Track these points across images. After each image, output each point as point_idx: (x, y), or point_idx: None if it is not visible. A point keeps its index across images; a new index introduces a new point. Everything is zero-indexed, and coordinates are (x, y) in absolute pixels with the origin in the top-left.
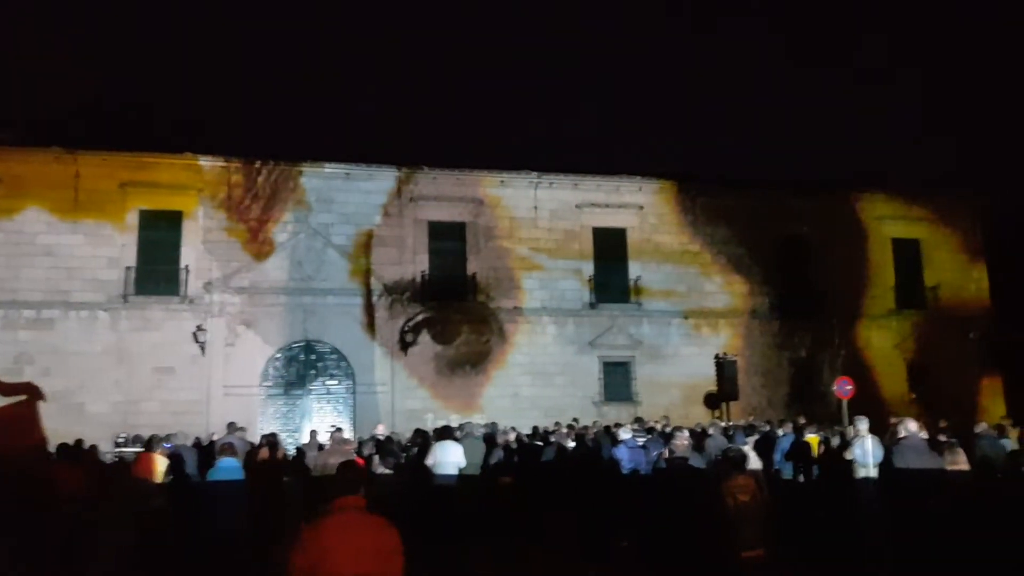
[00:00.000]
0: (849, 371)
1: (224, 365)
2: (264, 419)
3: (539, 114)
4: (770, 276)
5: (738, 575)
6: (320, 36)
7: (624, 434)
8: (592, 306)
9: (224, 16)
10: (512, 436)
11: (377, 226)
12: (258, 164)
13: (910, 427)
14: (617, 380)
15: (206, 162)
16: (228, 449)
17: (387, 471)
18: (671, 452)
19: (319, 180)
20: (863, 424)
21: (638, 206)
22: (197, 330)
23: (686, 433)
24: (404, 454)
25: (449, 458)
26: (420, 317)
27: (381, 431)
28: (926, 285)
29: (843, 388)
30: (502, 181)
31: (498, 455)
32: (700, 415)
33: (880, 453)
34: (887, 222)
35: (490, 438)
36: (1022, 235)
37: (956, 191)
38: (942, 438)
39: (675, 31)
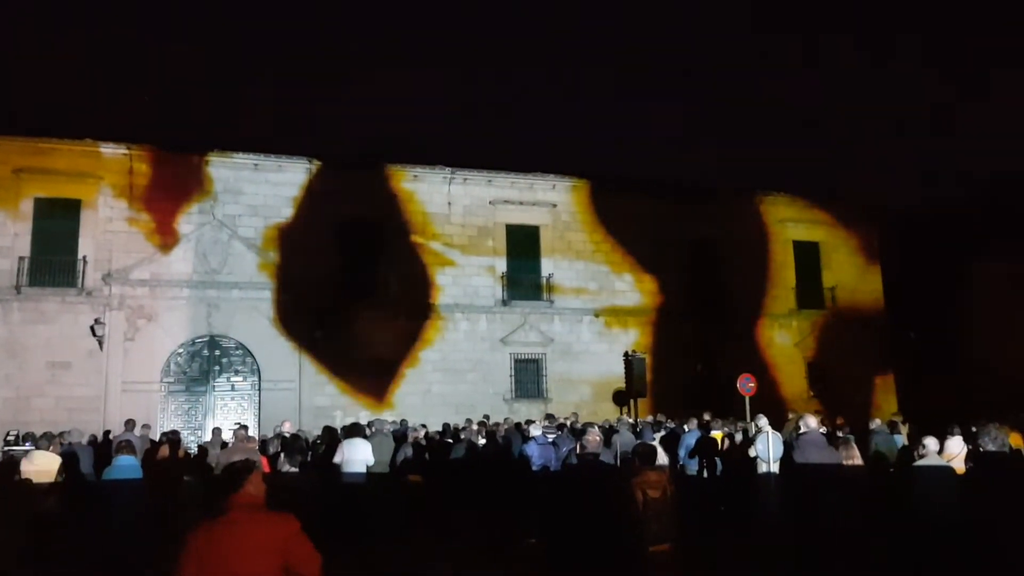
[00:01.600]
0: (752, 369)
1: (123, 360)
2: (165, 416)
3: (454, 109)
4: (679, 276)
5: (646, 570)
6: (231, 25)
7: (534, 431)
8: (505, 303)
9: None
10: (422, 433)
11: (287, 219)
12: (162, 152)
13: (810, 423)
14: (528, 377)
15: (107, 149)
16: (125, 447)
17: (293, 469)
18: (583, 448)
19: (227, 170)
20: (764, 420)
21: (551, 204)
22: (95, 323)
23: (597, 429)
24: (311, 452)
25: (357, 456)
26: (330, 313)
27: (287, 428)
28: (824, 286)
29: (745, 385)
30: (415, 176)
31: (406, 452)
32: (609, 412)
33: (780, 448)
34: (789, 225)
35: (401, 436)
36: (913, 239)
37: (854, 196)
38: (840, 434)
39: (592, 31)
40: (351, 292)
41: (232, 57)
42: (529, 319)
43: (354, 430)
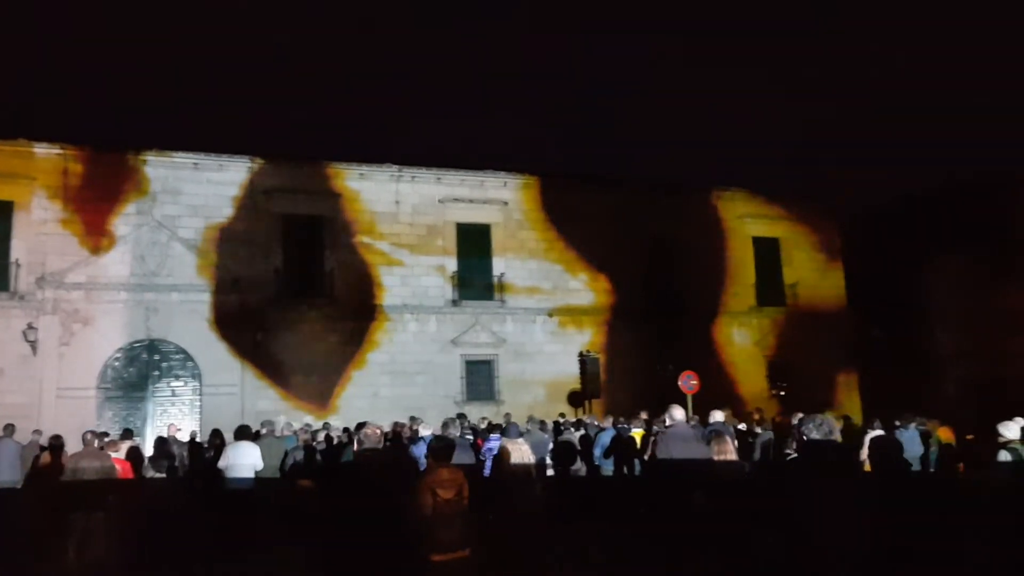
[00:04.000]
0: (711, 368)
1: (58, 366)
2: (102, 423)
3: (400, 106)
4: (634, 274)
5: None
6: (169, 21)
7: (424, 431)
8: (455, 303)
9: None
10: (322, 436)
11: (228, 219)
12: (98, 152)
13: (675, 415)
14: (480, 379)
15: (41, 149)
16: None
17: (159, 475)
18: (359, 443)
19: (165, 170)
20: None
21: (503, 202)
22: (27, 328)
23: (373, 425)
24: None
25: (243, 460)
26: (273, 315)
27: (172, 432)
28: (785, 283)
29: (687, 383)
30: (361, 174)
31: (296, 456)
32: (566, 413)
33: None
34: (748, 221)
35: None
36: (875, 235)
37: (813, 193)
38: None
39: (545, 28)
40: (295, 293)
41: (170, 53)
42: (480, 319)
43: (242, 432)
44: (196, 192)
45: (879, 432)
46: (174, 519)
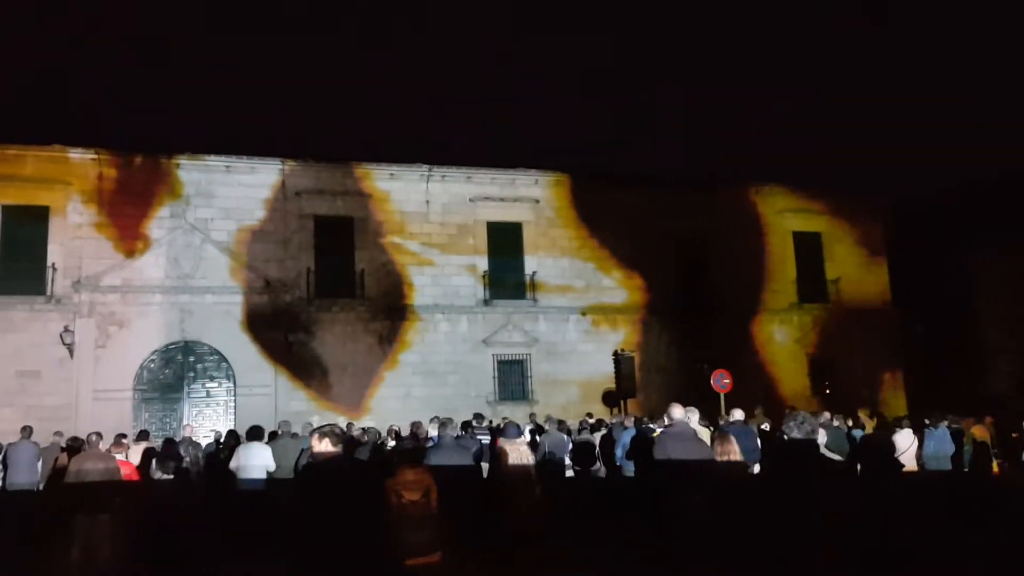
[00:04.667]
0: (750, 366)
1: (94, 368)
2: (138, 424)
3: (430, 106)
4: (669, 271)
5: None
6: (200, 27)
7: (434, 431)
8: (486, 303)
9: (97, 4)
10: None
11: (260, 221)
12: (132, 156)
13: (675, 414)
14: (512, 378)
15: (76, 155)
16: None
17: (166, 476)
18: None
19: (198, 173)
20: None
21: (534, 200)
22: (64, 331)
23: (334, 424)
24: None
25: (254, 461)
26: (305, 316)
27: (187, 433)
28: (827, 279)
29: (720, 382)
30: (391, 174)
31: (307, 457)
32: (599, 413)
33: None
34: (787, 215)
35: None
36: (921, 230)
37: (855, 186)
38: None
39: (577, 26)
40: (326, 294)
41: (201, 57)
42: (512, 319)
43: (254, 433)
44: (228, 195)
45: (906, 431)
46: (177, 521)
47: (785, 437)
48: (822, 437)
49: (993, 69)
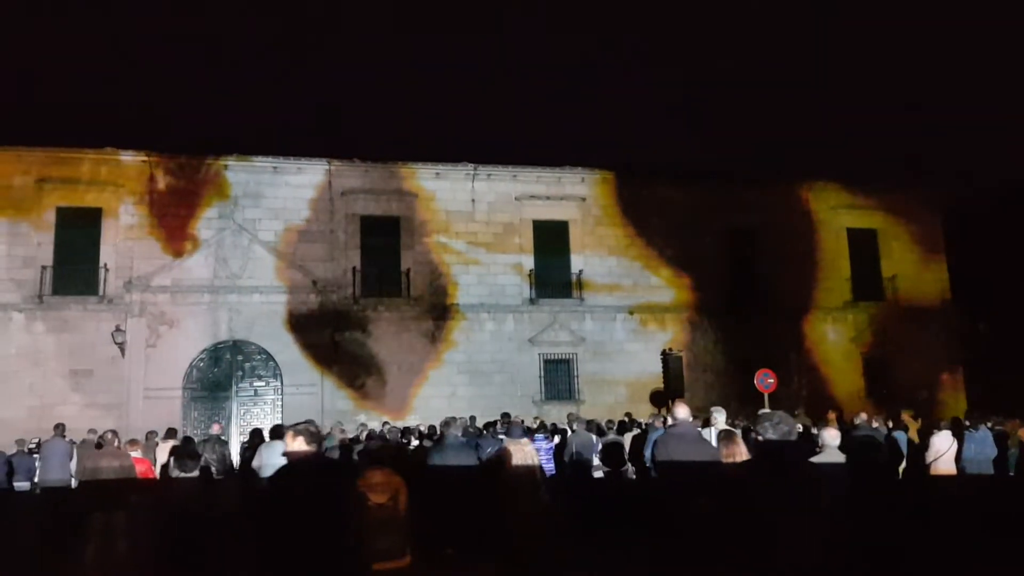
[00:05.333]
0: (803, 366)
1: (145, 367)
2: (188, 422)
3: (476, 105)
4: (718, 270)
5: None
6: (246, 29)
7: (453, 431)
8: (532, 301)
9: (144, 8)
10: (364, 435)
11: (306, 221)
12: (181, 158)
13: (679, 414)
14: (559, 378)
15: (127, 157)
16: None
17: (184, 475)
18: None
19: (245, 174)
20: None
21: (580, 198)
22: (115, 331)
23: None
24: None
25: (276, 459)
26: (352, 315)
27: (215, 431)
28: (883, 276)
29: (764, 382)
30: (437, 174)
31: (333, 456)
32: (647, 413)
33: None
34: (841, 212)
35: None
36: (980, 226)
37: (912, 182)
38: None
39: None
40: (372, 293)
41: (247, 59)
42: (559, 318)
43: (276, 432)
44: (276, 195)
45: (944, 433)
46: (194, 520)
47: (760, 439)
48: (832, 439)
49: None
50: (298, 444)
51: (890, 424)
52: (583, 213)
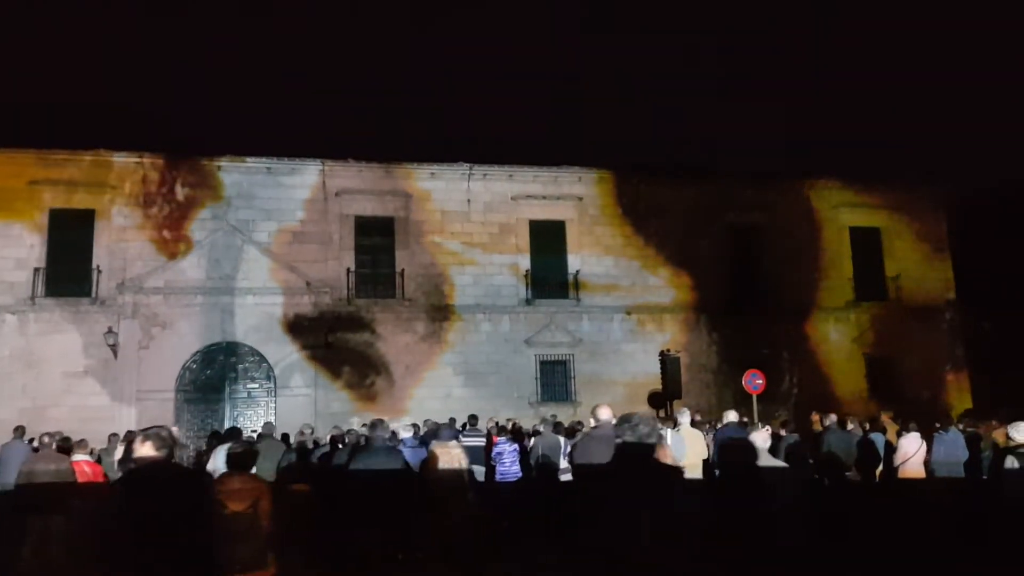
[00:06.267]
0: (805, 367)
1: (138, 369)
2: (181, 425)
3: (472, 104)
4: (718, 270)
5: None
6: (237, 27)
7: (404, 432)
8: (528, 302)
9: (137, 8)
10: (310, 436)
11: (300, 222)
12: (174, 159)
13: (601, 416)
14: (555, 379)
15: (120, 158)
16: None
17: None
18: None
19: (239, 175)
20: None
21: (577, 197)
22: (107, 332)
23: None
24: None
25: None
26: (346, 316)
27: (174, 433)
28: (887, 275)
29: (752, 383)
30: (432, 173)
31: (289, 458)
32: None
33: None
34: (844, 210)
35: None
36: (986, 225)
37: (917, 179)
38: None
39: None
40: (366, 294)
41: (239, 59)
42: (555, 318)
43: (228, 435)
44: (269, 196)
45: (912, 435)
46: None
47: (619, 441)
48: (762, 440)
49: None
50: (146, 449)
51: (867, 426)
52: (580, 213)
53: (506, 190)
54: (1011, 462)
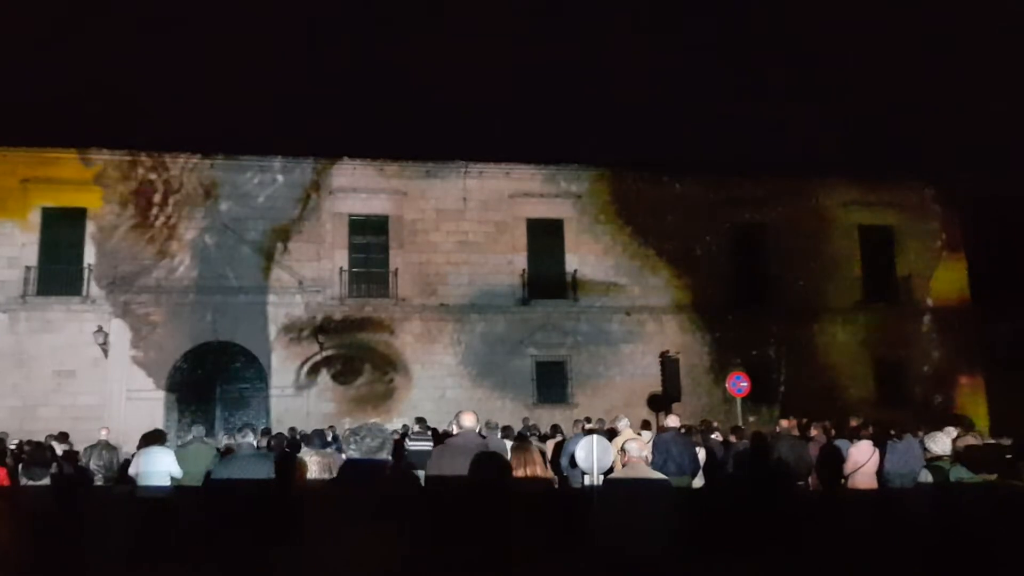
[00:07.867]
0: (811, 370)
1: (128, 368)
2: (170, 424)
3: (468, 100)
4: (720, 269)
5: None
6: (229, 23)
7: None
8: (525, 302)
9: (127, 5)
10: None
11: (293, 220)
12: (166, 158)
13: (464, 423)
14: (552, 381)
15: (111, 157)
16: None
17: (33, 483)
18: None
19: (231, 173)
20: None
21: (576, 195)
22: (96, 331)
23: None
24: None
25: (156, 467)
26: (339, 316)
27: (103, 436)
28: (898, 276)
29: (737, 386)
30: (427, 171)
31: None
32: (644, 417)
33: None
34: (854, 208)
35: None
36: (1002, 224)
37: (930, 177)
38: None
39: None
40: (360, 294)
41: (234, 56)
42: (552, 319)
43: (151, 438)
44: (261, 194)
45: (863, 443)
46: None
47: (343, 456)
48: (638, 451)
49: None
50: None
51: (832, 432)
52: (579, 211)
53: (503, 188)
54: (924, 476)
